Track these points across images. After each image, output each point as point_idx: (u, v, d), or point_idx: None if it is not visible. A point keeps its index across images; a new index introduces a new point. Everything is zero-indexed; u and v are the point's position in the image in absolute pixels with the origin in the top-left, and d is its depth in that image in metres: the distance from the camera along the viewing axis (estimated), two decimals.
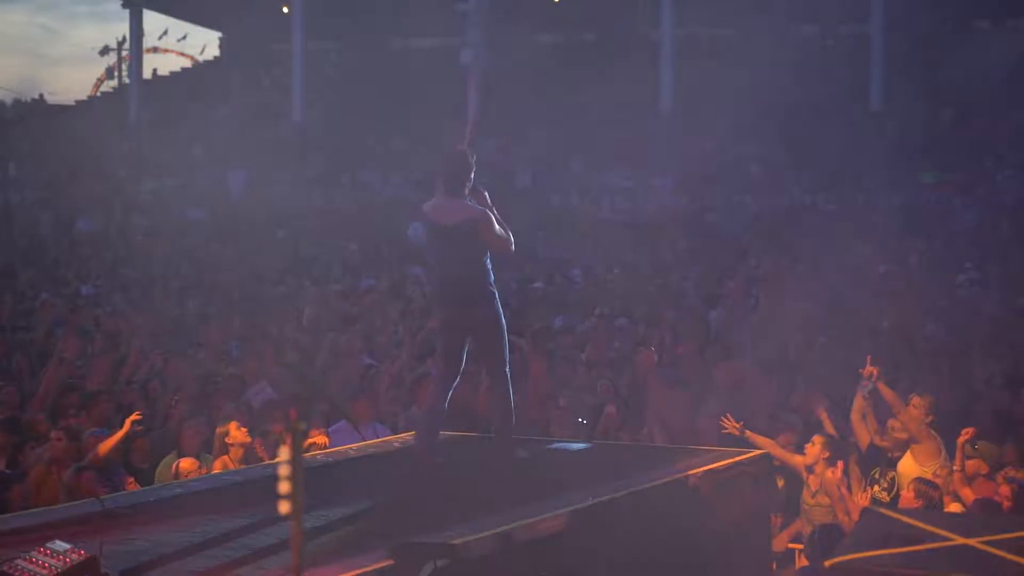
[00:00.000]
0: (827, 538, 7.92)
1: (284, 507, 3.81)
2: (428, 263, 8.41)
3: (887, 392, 9.33)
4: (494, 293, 8.16)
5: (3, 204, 29.28)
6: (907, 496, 8.35)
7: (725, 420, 9.39)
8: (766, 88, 30.85)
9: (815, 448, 9.23)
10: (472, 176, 8.16)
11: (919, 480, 8.52)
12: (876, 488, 9.40)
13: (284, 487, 3.77)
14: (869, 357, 9.51)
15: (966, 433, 8.88)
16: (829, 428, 9.54)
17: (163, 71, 42.80)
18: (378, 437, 9.84)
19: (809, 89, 30.80)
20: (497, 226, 8.11)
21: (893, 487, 9.21)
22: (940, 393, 10.01)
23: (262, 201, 27.81)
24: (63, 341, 13.29)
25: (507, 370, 8.35)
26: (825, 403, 10.14)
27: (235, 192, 30.32)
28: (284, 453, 3.79)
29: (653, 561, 7.09)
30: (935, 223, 24.01)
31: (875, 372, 9.39)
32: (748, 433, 9.33)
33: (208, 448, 9.99)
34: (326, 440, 9.56)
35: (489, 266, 8.13)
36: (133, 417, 9.77)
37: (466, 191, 8.12)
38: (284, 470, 3.78)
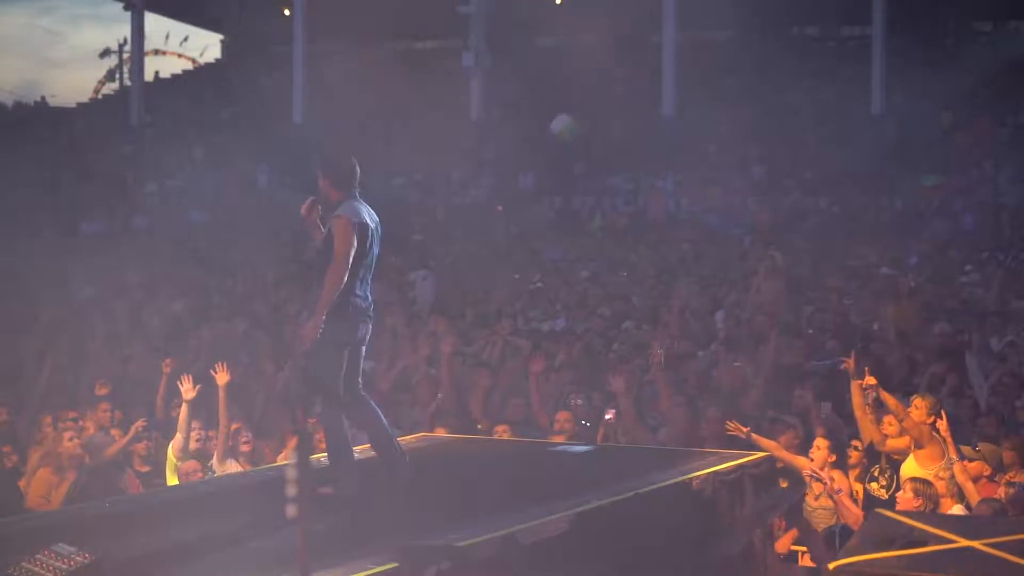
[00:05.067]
0: (839, 540, 7.93)
1: (291, 510, 3.81)
2: (362, 269, 7.41)
3: (889, 399, 9.36)
4: None
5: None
6: (904, 496, 8.35)
7: (730, 424, 9.38)
8: (767, 90, 30.93)
9: (821, 452, 9.24)
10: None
11: (916, 480, 8.51)
12: (875, 485, 9.42)
13: (291, 490, 3.78)
14: (867, 368, 9.54)
15: (940, 424, 8.88)
16: (820, 430, 9.58)
17: (164, 73, 42.82)
18: None
19: (810, 91, 30.81)
20: None
21: (892, 485, 9.23)
22: (942, 395, 10.07)
23: (266, 202, 27.84)
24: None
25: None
26: (827, 406, 10.19)
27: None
28: (292, 456, 3.80)
29: (656, 564, 7.10)
30: (935, 226, 24.02)
31: (874, 381, 9.43)
32: (754, 436, 9.34)
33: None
34: None
35: None
36: (139, 424, 9.82)
37: None
38: (291, 473, 3.79)
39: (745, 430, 9.31)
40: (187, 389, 9.85)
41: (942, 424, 8.90)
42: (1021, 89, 28.79)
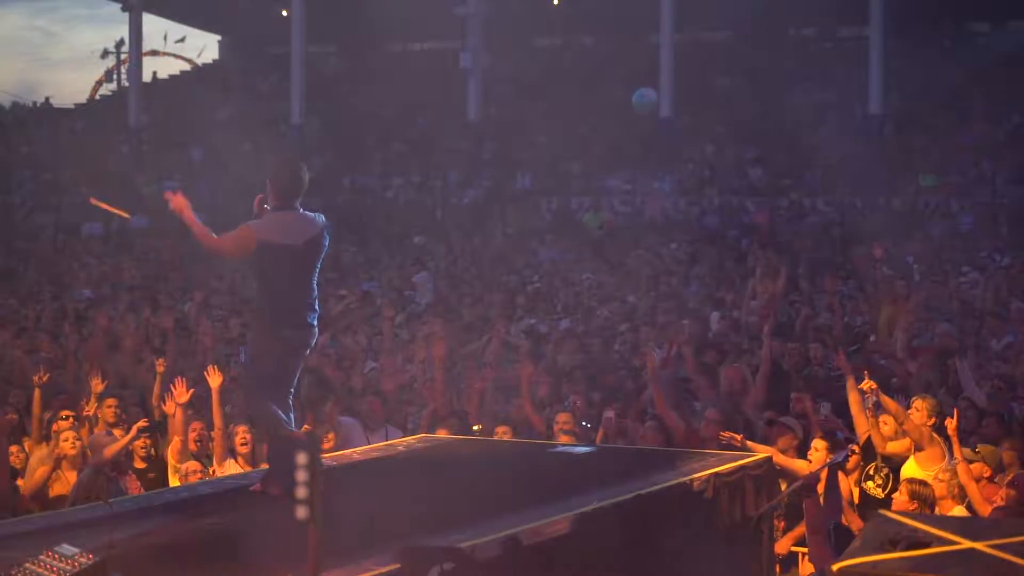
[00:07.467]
0: (833, 537, 7.94)
1: (301, 512, 3.81)
2: (266, 282, 7.42)
3: (889, 402, 9.37)
4: None
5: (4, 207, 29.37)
6: (900, 498, 8.35)
7: (724, 434, 9.35)
8: (764, 91, 30.94)
9: (820, 454, 9.24)
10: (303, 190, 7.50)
11: (913, 481, 8.51)
12: (870, 484, 9.43)
13: (301, 492, 3.78)
14: (866, 372, 9.56)
15: (950, 423, 8.86)
16: (818, 431, 9.60)
17: (162, 74, 42.79)
18: (389, 438, 9.91)
19: (807, 92, 30.83)
20: None
21: (888, 484, 9.23)
22: (941, 396, 10.09)
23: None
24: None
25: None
26: (826, 406, 10.21)
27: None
28: (301, 459, 3.80)
29: (657, 564, 7.12)
30: (933, 226, 24.06)
31: (874, 385, 9.45)
32: (749, 443, 9.33)
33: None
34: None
35: None
36: (140, 424, 9.83)
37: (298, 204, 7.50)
38: (301, 475, 3.79)
39: (739, 438, 9.28)
40: (180, 393, 9.87)
41: (951, 423, 8.89)
42: (1019, 89, 28.81)
